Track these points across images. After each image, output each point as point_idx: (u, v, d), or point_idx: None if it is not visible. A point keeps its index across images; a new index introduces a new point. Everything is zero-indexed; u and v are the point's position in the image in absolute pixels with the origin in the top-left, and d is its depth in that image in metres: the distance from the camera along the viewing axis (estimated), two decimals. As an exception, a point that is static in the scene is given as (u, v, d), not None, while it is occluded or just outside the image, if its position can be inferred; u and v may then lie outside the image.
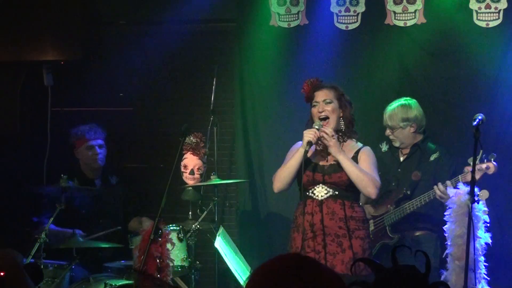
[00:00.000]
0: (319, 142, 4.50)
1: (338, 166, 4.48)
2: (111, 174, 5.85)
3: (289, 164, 4.51)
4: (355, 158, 4.50)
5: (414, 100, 5.10)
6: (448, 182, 4.72)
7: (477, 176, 4.64)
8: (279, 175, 4.58)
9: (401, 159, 5.13)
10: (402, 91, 5.51)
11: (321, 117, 4.50)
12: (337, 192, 4.46)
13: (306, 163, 4.49)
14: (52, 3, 5.96)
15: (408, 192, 4.98)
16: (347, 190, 4.47)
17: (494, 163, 4.73)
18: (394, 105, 5.07)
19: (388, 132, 5.09)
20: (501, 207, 5.33)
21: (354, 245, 4.39)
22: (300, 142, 4.55)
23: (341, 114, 4.55)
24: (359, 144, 4.60)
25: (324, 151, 4.55)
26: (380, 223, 5.03)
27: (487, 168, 4.71)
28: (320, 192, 4.48)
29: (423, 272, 1.73)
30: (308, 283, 1.59)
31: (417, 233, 5.02)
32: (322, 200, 4.46)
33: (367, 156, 4.53)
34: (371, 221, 5.03)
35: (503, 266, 5.25)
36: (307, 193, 4.52)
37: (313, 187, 4.51)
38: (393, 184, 5.09)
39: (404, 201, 4.97)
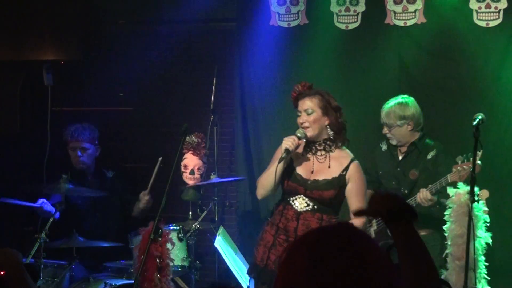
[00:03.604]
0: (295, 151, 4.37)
1: (320, 184, 4.39)
2: (106, 168, 5.84)
3: (269, 171, 4.41)
4: (342, 176, 4.38)
5: (412, 98, 5.07)
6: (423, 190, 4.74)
7: (464, 177, 4.61)
8: (261, 182, 4.49)
9: (400, 158, 5.11)
10: (402, 91, 5.50)
11: (303, 127, 4.41)
12: (316, 206, 4.38)
13: (289, 171, 4.41)
14: (52, 3, 5.96)
15: (406, 191, 4.96)
16: (327, 205, 4.40)
17: (478, 162, 4.62)
18: (391, 103, 5.03)
19: (385, 130, 5.04)
20: (501, 206, 5.33)
21: None
22: None
23: (327, 122, 4.40)
24: (350, 155, 4.46)
25: (308, 164, 4.45)
26: (383, 223, 5.00)
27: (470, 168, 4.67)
28: (301, 203, 4.39)
29: None
30: (357, 254, 1.51)
31: (422, 233, 4.97)
32: (301, 211, 4.39)
33: (357, 176, 4.41)
34: (374, 221, 5.01)
35: (503, 266, 5.25)
36: (288, 200, 4.44)
37: (294, 197, 4.42)
38: (393, 183, 5.07)
39: None
